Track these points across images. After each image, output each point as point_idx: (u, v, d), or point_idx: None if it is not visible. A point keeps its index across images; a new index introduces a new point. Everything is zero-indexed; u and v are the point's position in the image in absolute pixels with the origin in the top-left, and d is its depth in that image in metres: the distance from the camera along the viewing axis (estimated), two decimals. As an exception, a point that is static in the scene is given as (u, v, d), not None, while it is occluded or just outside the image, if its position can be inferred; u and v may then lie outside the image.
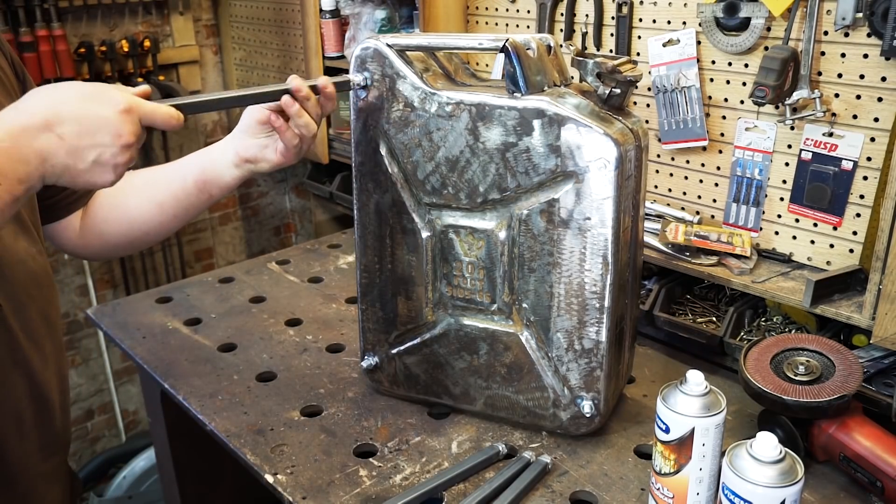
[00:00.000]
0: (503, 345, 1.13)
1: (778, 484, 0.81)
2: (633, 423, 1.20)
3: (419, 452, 1.13)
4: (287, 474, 1.08)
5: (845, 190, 1.25)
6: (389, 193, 1.14)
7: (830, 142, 1.25)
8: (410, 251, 1.16)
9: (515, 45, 1.02)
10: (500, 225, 1.08)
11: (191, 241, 2.82)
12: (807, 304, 1.21)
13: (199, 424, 1.22)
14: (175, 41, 2.61)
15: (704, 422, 0.91)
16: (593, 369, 1.08)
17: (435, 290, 1.16)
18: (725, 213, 1.43)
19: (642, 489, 1.05)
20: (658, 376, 1.34)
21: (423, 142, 1.09)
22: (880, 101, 1.19)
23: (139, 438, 2.72)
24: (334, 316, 1.55)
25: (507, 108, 1.03)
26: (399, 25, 2.02)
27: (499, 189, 1.07)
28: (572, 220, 1.03)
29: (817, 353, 1.11)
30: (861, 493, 1.05)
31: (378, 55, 1.09)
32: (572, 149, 1.00)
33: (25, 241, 1.01)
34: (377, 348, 1.24)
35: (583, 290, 1.05)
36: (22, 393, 0.99)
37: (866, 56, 1.19)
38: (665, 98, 1.44)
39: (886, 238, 1.09)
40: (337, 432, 1.18)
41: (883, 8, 1.13)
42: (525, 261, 1.08)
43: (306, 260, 1.84)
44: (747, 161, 1.37)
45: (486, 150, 1.06)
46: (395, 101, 1.10)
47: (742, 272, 1.32)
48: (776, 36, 1.28)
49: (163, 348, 1.41)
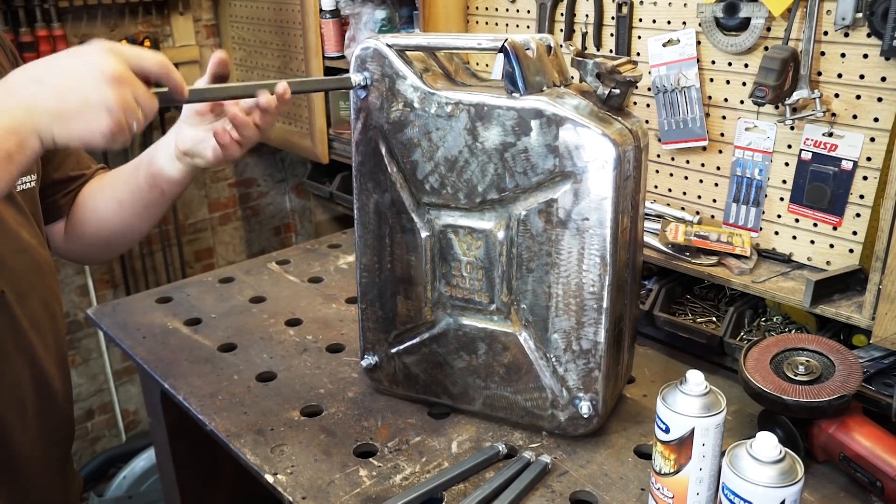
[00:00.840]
0: (501, 345, 1.13)
1: (778, 484, 0.81)
2: (633, 423, 1.20)
3: (419, 452, 1.13)
4: (287, 474, 1.08)
5: (845, 190, 1.25)
6: (389, 193, 1.14)
7: (830, 142, 1.25)
8: (410, 251, 1.16)
9: (514, 45, 1.01)
10: (498, 225, 1.08)
11: (191, 241, 2.82)
12: (807, 304, 1.21)
13: (199, 424, 1.22)
14: (175, 41, 2.61)
15: (704, 422, 0.91)
16: (591, 370, 1.08)
17: (434, 290, 1.16)
18: (725, 213, 1.43)
19: (642, 489, 1.05)
20: (658, 376, 1.34)
21: (423, 142, 1.09)
22: (880, 101, 1.19)
23: (139, 438, 2.72)
24: (334, 316, 1.55)
25: (506, 109, 1.03)
26: (399, 25, 2.02)
27: (497, 189, 1.07)
28: (570, 221, 1.03)
29: (817, 353, 1.11)
30: (861, 493, 1.05)
31: (378, 55, 1.09)
32: (570, 149, 1.00)
33: (28, 232, 1.01)
34: (377, 347, 1.24)
35: (581, 291, 1.05)
36: (25, 379, 1.00)
37: (866, 56, 1.19)
38: (665, 98, 1.44)
39: (886, 238, 1.09)
40: (337, 432, 1.18)
41: (883, 8, 1.13)
42: (523, 261, 1.08)
43: (306, 260, 1.84)
44: (747, 161, 1.37)
45: (485, 150, 1.06)
46: (395, 101, 1.10)
47: (742, 272, 1.32)
48: (776, 36, 1.28)
49: (163, 348, 1.41)
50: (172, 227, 2.68)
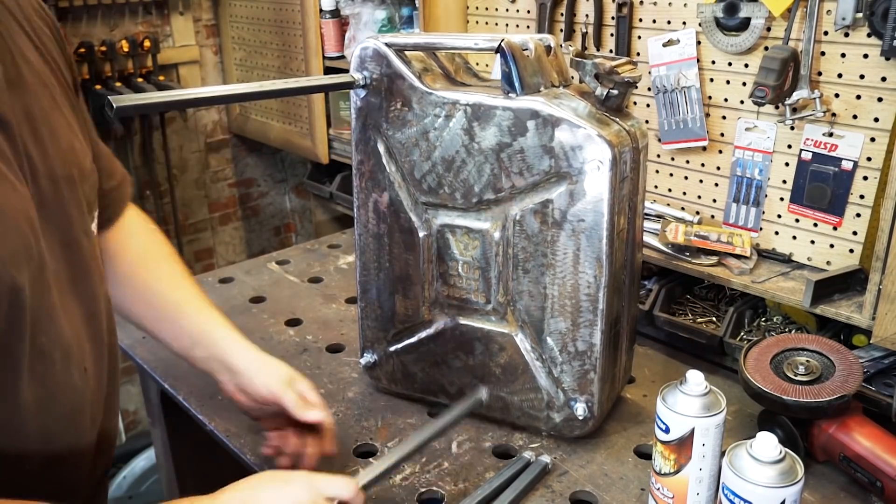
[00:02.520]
0: (498, 345, 1.13)
1: (778, 484, 0.81)
2: (633, 423, 1.20)
3: (419, 452, 1.12)
4: (286, 474, 1.08)
5: (845, 190, 1.25)
6: (388, 193, 1.14)
7: (830, 142, 1.25)
8: (408, 250, 1.16)
9: (510, 45, 1.01)
10: (494, 225, 1.08)
11: (191, 241, 2.82)
12: (807, 304, 1.21)
13: (199, 424, 1.22)
14: (175, 41, 2.61)
15: (704, 422, 0.91)
16: (587, 372, 1.08)
17: (432, 290, 1.16)
18: (725, 213, 1.43)
19: (642, 489, 1.05)
20: (658, 376, 1.34)
21: (421, 141, 1.09)
22: (880, 101, 1.19)
23: (139, 438, 2.72)
24: (334, 316, 1.55)
25: (502, 109, 1.03)
26: (399, 25, 2.02)
27: (493, 189, 1.06)
28: (566, 222, 1.03)
29: (817, 353, 1.11)
30: (861, 493, 1.05)
31: (377, 55, 1.09)
32: (566, 150, 1.00)
33: None
34: (376, 346, 1.24)
35: (577, 292, 1.05)
36: None
37: (866, 56, 1.18)
38: (665, 98, 1.44)
39: (886, 238, 1.09)
40: (337, 432, 1.17)
41: (883, 8, 1.12)
42: (519, 261, 1.08)
43: (306, 260, 1.84)
44: (747, 161, 1.37)
45: (482, 150, 1.05)
46: (394, 101, 1.10)
47: (742, 272, 1.32)
48: (776, 36, 1.28)
49: (163, 348, 1.40)
50: (172, 228, 2.68)
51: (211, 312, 1.10)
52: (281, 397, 1.02)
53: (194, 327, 1.09)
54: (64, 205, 0.83)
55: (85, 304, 0.86)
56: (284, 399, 1.02)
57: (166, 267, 1.13)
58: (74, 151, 0.86)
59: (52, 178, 0.81)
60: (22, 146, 0.77)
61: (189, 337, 1.09)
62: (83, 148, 0.90)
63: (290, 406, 1.01)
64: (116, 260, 1.08)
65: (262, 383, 1.03)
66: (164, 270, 1.13)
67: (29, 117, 0.79)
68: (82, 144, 0.90)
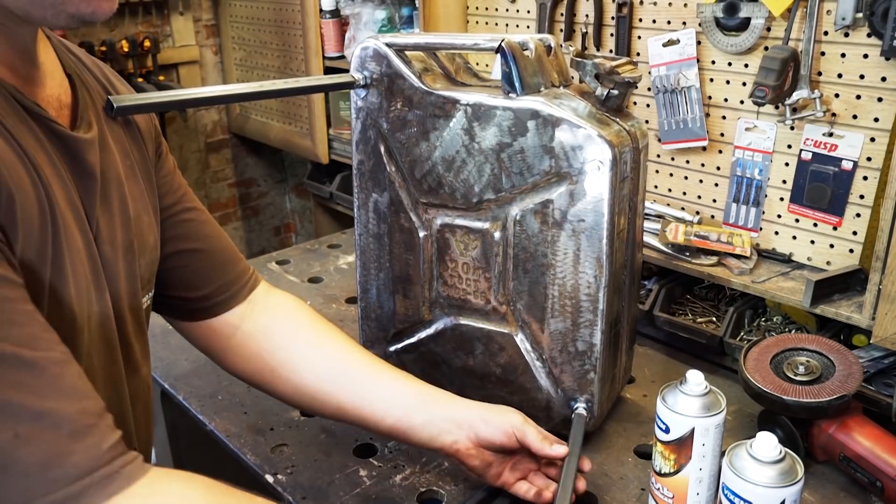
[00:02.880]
0: (498, 345, 1.13)
1: (778, 484, 0.81)
2: (633, 423, 1.20)
3: (419, 452, 1.12)
4: (287, 474, 1.08)
5: (845, 190, 1.25)
6: (388, 192, 1.14)
7: (830, 142, 1.25)
8: (408, 250, 1.16)
9: (511, 45, 1.01)
10: (494, 225, 1.08)
11: (191, 242, 2.82)
12: (807, 304, 1.21)
13: (199, 424, 1.22)
14: (175, 41, 2.61)
15: (704, 422, 0.91)
16: (587, 372, 1.08)
17: (432, 289, 1.16)
18: (725, 213, 1.43)
19: (642, 489, 1.05)
20: (658, 376, 1.34)
21: (421, 141, 1.09)
22: (880, 102, 1.19)
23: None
24: (334, 316, 1.55)
25: (502, 109, 1.03)
26: (399, 25, 2.02)
27: (494, 189, 1.07)
28: (566, 222, 1.03)
29: (817, 353, 1.11)
30: (861, 493, 1.05)
31: (377, 55, 1.09)
32: (566, 150, 1.00)
33: None
34: (376, 346, 1.24)
35: (577, 292, 1.05)
36: None
37: (866, 56, 1.18)
38: (665, 98, 1.44)
39: (886, 238, 1.09)
40: (337, 432, 1.17)
41: (883, 8, 1.12)
42: (519, 261, 1.08)
43: (306, 260, 1.84)
44: (747, 161, 1.37)
45: (482, 150, 1.06)
46: (394, 101, 1.10)
47: (742, 272, 1.32)
48: (776, 36, 1.28)
49: (163, 348, 1.41)
50: (173, 228, 2.68)
51: (407, 375, 1.03)
52: (525, 435, 0.95)
53: (401, 394, 1.01)
54: (116, 274, 0.80)
55: (111, 379, 0.83)
56: (527, 436, 0.96)
57: (341, 338, 1.05)
58: (140, 222, 0.86)
59: (112, 243, 0.80)
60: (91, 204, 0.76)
61: (399, 408, 0.99)
62: (150, 223, 0.89)
63: (533, 442, 0.95)
64: (275, 337, 1.02)
65: (498, 427, 0.96)
66: (340, 343, 1.05)
67: (104, 178, 0.79)
68: (150, 219, 0.89)
